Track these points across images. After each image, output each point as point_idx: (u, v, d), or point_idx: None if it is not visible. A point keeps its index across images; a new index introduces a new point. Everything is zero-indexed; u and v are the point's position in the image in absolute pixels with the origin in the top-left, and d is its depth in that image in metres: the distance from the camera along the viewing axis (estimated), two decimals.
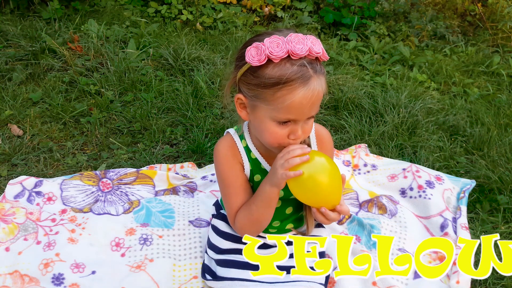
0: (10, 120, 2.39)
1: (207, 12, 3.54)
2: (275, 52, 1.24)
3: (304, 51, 1.24)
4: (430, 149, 2.35)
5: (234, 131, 1.50)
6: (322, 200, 1.36)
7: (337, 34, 3.55)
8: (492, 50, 3.50)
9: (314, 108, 1.30)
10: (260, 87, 1.27)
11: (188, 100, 2.55)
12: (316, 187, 1.32)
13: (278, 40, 1.24)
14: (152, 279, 1.60)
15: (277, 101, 1.26)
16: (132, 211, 1.85)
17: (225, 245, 1.57)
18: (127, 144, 2.30)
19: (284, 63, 1.25)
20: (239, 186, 1.46)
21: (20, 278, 1.59)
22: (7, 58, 2.82)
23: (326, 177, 1.32)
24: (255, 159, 1.46)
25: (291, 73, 1.24)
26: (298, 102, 1.25)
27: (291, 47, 1.23)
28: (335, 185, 1.35)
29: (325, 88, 1.31)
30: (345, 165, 2.18)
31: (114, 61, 2.81)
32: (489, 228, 1.91)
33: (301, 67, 1.25)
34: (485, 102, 2.81)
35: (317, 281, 1.48)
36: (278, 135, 1.32)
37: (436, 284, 1.65)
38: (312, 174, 1.31)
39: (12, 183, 1.91)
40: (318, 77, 1.27)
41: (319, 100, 1.30)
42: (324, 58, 1.30)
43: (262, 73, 1.26)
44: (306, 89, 1.25)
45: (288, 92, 1.25)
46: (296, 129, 1.31)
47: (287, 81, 1.24)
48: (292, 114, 1.28)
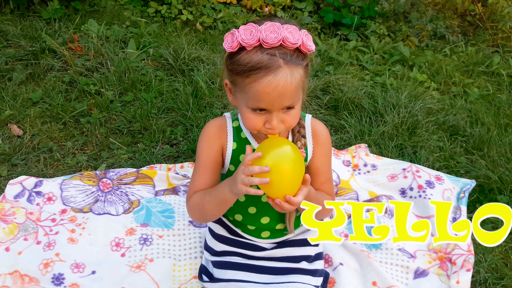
0: (10, 120, 2.39)
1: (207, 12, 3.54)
2: (246, 40, 1.24)
3: (276, 41, 1.23)
4: (430, 149, 2.34)
5: (229, 114, 1.51)
6: (276, 191, 1.30)
7: (337, 34, 3.55)
8: (492, 50, 3.50)
9: (286, 99, 1.27)
10: (233, 73, 1.28)
11: (188, 100, 2.55)
12: (276, 178, 1.27)
13: (252, 28, 1.24)
14: (152, 279, 1.60)
15: (246, 88, 1.27)
16: (132, 211, 1.85)
17: (220, 247, 1.57)
18: (127, 144, 2.30)
19: (256, 51, 1.24)
20: (207, 168, 1.46)
21: (20, 278, 1.59)
22: (7, 58, 2.82)
23: (286, 168, 1.27)
24: (244, 138, 1.46)
25: (257, 61, 1.23)
26: (262, 91, 1.24)
27: (263, 36, 1.23)
28: (293, 177, 1.30)
29: (299, 79, 1.27)
30: (345, 165, 2.18)
31: (114, 61, 2.81)
32: (489, 228, 1.91)
33: (270, 56, 1.23)
34: (485, 102, 2.81)
35: (312, 283, 1.47)
36: (254, 122, 1.31)
37: (436, 284, 1.65)
38: (275, 164, 1.27)
39: (12, 183, 1.91)
40: (290, 67, 1.25)
41: (291, 91, 1.26)
42: (304, 49, 1.28)
43: (235, 59, 1.27)
44: (271, 79, 1.23)
45: (253, 80, 1.24)
46: (270, 118, 1.29)
47: (252, 68, 1.23)
48: (261, 103, 1.27)
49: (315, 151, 1.49)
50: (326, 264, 1.68)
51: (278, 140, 1.33)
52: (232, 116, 1.50)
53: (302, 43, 1.26)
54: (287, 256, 1.54)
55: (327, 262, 1.68)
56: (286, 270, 1.50)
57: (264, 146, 1.32)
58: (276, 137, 1.34)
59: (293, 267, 1.51)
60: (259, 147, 1.32)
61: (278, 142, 1.33)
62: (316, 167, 1.50)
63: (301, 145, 1.43)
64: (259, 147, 1.32)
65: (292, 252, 1.54)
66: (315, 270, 1.52)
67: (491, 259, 1.76)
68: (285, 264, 1.52)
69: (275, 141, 1.33)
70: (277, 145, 1.31)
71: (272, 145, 1.31)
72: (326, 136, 1.52)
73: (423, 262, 1.75)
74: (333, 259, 1.67)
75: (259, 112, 1.30)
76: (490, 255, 1.78)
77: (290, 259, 1.54)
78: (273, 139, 1.34)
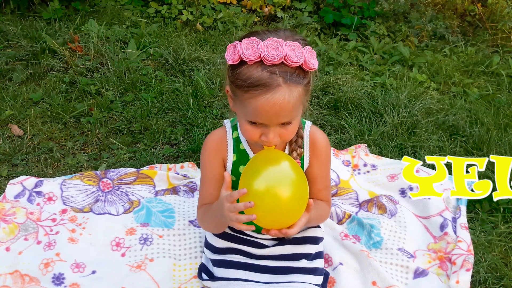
0: (10, 120, 2.39)
1: (207, 12, 3.54)
2: (247, 55, 1.23)
3: (277, 58, 1.21)
4: (430, 149, 2.35)
5: (229, 122, 1.52)
6: (270, 220, 1.27)
7: (337, 34, 3.55)
8: (491, 50, 3.50)
9: (283, 117, 1.27)
10: (234, 84, 1.28)
11: (188, 100, 2.56)
12: (269, 205, 1.24)
13: (255, 43, 1.23)
14: (152, 279, 1.60)
15: (244, 102, 1.26)
16: (132, 211, 1.86)
17: (221, 243, 1.58)
18: (127, 144, 2.30)
19: (257, 66, 1.23)
20: (211, 181, 1.49)
21: (20, 278, 1.59)
22: (8, 58, 2.82)
23: (282, 194, 1.22)
24: (243, 150, 1.47)
25: (257, 78, 1.22)
26: (260, 108, 1.24)
27: (264, 52, 1.21)
28: (291, 203, 1.24)
29: (297, 97, 1.25)
30: (345, 165, 2.18)
31: (115, 61, 2.82)
32: (489, 228, 1.91)
33: (269, 74, 1.22)
34: (484, 102, 2.81)
35: (313, 282, 1.48)
36: (251, 133, 1.32)
37: (436, 284, 1.66)
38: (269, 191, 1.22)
39: (12, 183, 1.92)
40: (289, 86, 1.23)
41: (288, 110, 1.25)
42: (306, 68, 1.25)
43: (236, 72, 1.26)
44: (269, 97, 1.22)
45: (252, 97, 1.24)
46: (267, 132, 1.29)
47: (251, 85, 1.23)
48: (258, 118, 1.27)
49: (312, 160, 1.49)
50: (326, 263, 1.68)
51: (274, 154, 1.30)
52: (232, 125, 1.51)
53: (305, 61, 1.24)
54: (287, 254, 1.54)
55: (327, 262, 1.68)
56: (286, 269, 1.50)
57: (258, 161, 1.29)
58: (271, 150, 1.32)
59: (293, 266, 1.52)
60: (252, 161, 1.31)
61: (274, 156, 1.29)
62: (314, 175, 1.50)
63: (297, 155, 1.43)
64: (253, 161, 1.30)
65: (292, 250, 1.55)
66: (315, 269, 1.53)
67: (491, 259, 1.77)
68: (285, 263, 1.52)
69: (271, 155, 1.29)
70: (272, 162, 1.28)
71: (267, 160, 1.28)
72: (324, 145, 1.51)
73: (422, 262, 1.76)
74: (333, 259, 1.68)
75: (256, 125, 1.30)
76: (489, 255, 1.78)
77: (290, 257, 1.54)
78: (268, 152, 1.32)
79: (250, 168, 1.31)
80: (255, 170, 1.28)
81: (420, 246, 1.83)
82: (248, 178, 1.27)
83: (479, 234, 1.87)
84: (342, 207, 1.94)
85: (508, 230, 1.90)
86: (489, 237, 1.86)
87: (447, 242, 1.81)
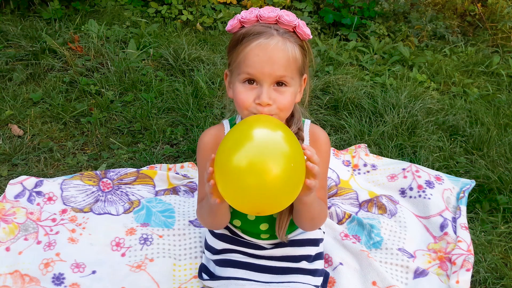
0: (10, 120, 2.39)
1: (207, 13, 3.55)
2: (245, 16, 1.33)
3: (272, 16, 1.31)
4: (430, 149, 2.35)
5: (228, 121, 1.52)
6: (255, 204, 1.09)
7: (337, 34, 3.55)
8: (491, 50, 3.50)
9: (277, 66, 1.28)
10: (231, 48, 1.35)
11: (188, 100, 2.56)
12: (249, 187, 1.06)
13: (252, 9, 1.34)
14: (152, 279, 1.60)
15: (238, 56, 1.31)
16: (132, 211, 1.86)
17: (220, 245, 1.58)
18: (127, 144, 2.30)
19: (253, 24, 1.33)
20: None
21: (20, 278, 1.59)
22: (8, 58, 2.82)
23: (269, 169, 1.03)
24: None
25: (252, 29, 1.31)
26: (252, 53, 1.29)
27: (261, 12, 1.32)
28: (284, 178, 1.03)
29: (292, 52, 1.30)
30: (345, 165, 2.18)
31: (115, 61, 2.82)
32: (489, 228, 1.91)
33: (264, 27, 1.31)
34: (484, 102, 2.81)
35: (312, 283, 1.48)
36: (244, 97, 1.31)
37: (435, 284, 1.66)
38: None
39: (12, 183, 1.92)
40: (284, 38, 1.30)
41: (282, 59, 1.29)
42: (300, 31, 1.33)
43: (234, 34, 1.36)
44: (262, 41, 1.29)
45: (246, 46, 1.30)
46: (260, 91, 1.29)
47: (245, 35, 1.31)
48: (251, 68, 1.29)
49: None
50: (326, 264, 1.68)
51: (266, 118, 1.22)
52: (230, 122, 1.50)
53: (298, 25, 1.33)
54: (287, 256, 1.54)
55: (327, 262, 1.68)
56: (286, 269, 1.50)
57: (248, 123, 1.17)
58: (265, 116, 1.25)
59: (293, 266, 1.51)
60: (242, 123, 1.21)
61: (266, 120, 1.18)
62: None
63: None
64: (242, 123, 1.20)
65: (292, 252, 1.55)
66: (315, 270, 1.53)
67: (491, 259, 1.77)
68: (285, 263, 1.52)
69: (262, 119, 1.20)
70: (263, 124, 1.16)
71: (258, 122, 1.17)
72: (325, 142, 1.49)
73: (422, 262, 1.76)
74: (333, 259, 1.67)
75: (249, 85, 1.31)
76: (489, 255, 1.78)
77: (290, 258, 1.54)
78: (261, 116, 1.24)
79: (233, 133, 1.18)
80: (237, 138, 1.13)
81: (420, 246, 1.82)
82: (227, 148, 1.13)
83: (479, 234, 1.87)
84: (342, 207, 1.94)
85: (508, 230, 1.91)
86: (489, 237, 1.86)
87: (447, 242, 1.81)
